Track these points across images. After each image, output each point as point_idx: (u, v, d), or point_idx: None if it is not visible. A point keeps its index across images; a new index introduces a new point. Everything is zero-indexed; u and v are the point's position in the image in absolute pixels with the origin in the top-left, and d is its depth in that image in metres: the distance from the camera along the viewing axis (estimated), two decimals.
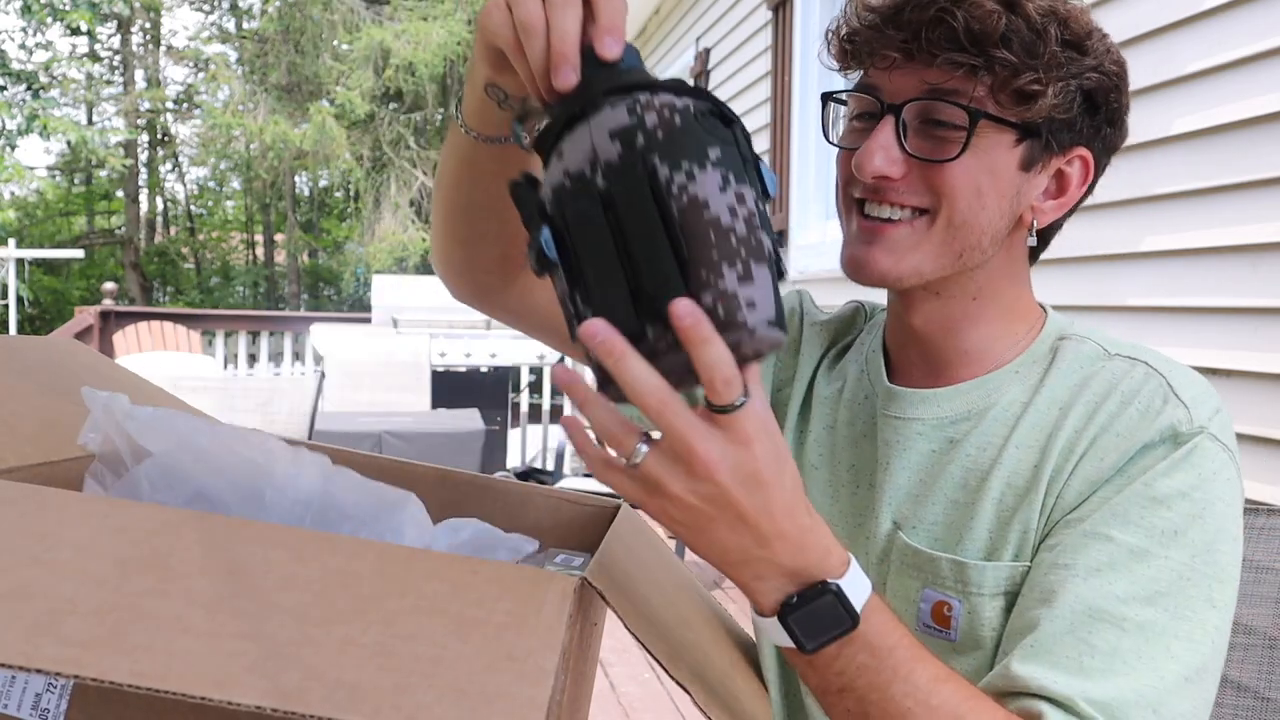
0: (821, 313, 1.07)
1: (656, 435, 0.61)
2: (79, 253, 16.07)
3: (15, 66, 13.84)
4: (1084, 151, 0.87)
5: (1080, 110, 0.83)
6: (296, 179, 19.23)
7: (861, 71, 0.88)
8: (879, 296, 0.98)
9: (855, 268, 0.86)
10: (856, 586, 0.66)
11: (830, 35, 0.89)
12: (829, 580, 0.65)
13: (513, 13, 0.63)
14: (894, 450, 0.91)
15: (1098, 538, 0.77)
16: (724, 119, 0.61)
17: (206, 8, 18.55)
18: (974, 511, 0.85)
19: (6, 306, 10.04)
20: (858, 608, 0.65)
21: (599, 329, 0.58)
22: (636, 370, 0.58)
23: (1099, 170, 0.89)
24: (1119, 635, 0.73)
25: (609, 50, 0.62)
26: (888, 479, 0.91)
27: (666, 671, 0.73)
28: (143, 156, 18.89)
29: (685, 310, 0.56)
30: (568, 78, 0.61)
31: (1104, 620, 0.74)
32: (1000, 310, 0.89)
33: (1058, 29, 0.80)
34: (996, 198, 0.83)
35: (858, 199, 0.85)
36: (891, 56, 0.82)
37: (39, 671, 0.49)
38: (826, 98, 0.91)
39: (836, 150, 0.90)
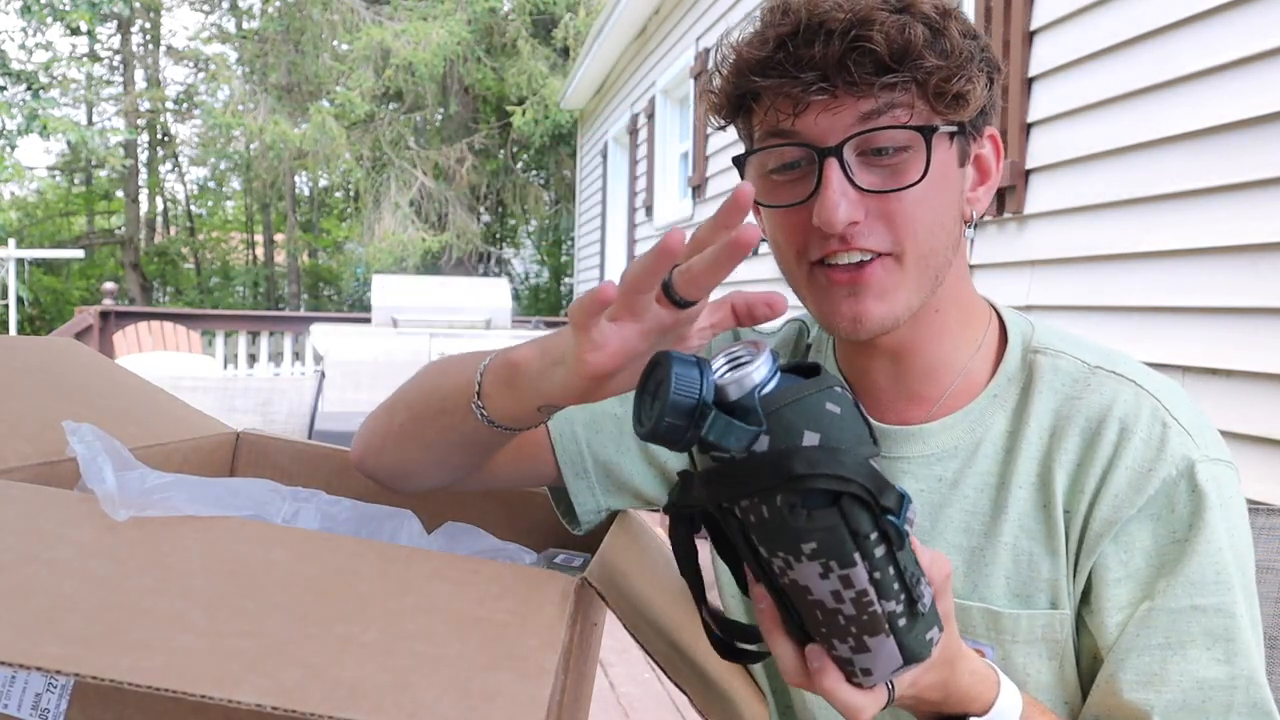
0: (763, 337, 1.03)
1: None
2: (79, 253, 16.07)
3: (15, 66, 13.82)
4: (992, 130, 0.86)
5: (986, 92, 0.81)
6: (296, 179, 19.22)
7: (735, 118, 0.84)
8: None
9: (853, 324, 0.81)
10: (1003, 716, 0.73)
11: (715, 94, 0.83)
12: (971, 718, 0.73)
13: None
14: None
15: (1182, 612, 0.79)
16: (837, 490, 0.56)
17: (206, 8, 18.54)
18: (987, 559, 0.85)
19: (6, 306, 10.03)
20: None
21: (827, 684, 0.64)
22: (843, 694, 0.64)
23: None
24: (1229, 694, 0.79)
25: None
26: None
27: (664, 672, 0.73)
28: (143, 156, 18.89)
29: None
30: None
31: (1214, 688, 0.79)
32: (957, 316, 0.88)
33: (955, 24, 0.78)
34: (948, 206, 0.81)
35: (818, 259, 0.80)
36: (808, 100, 0.76)
37: (39, 669, 0.49)
38: (741, 161, 0.83)
39: (769, 213, 0.83)
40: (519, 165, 17.37)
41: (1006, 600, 0.84)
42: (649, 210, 7.92)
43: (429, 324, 6.69)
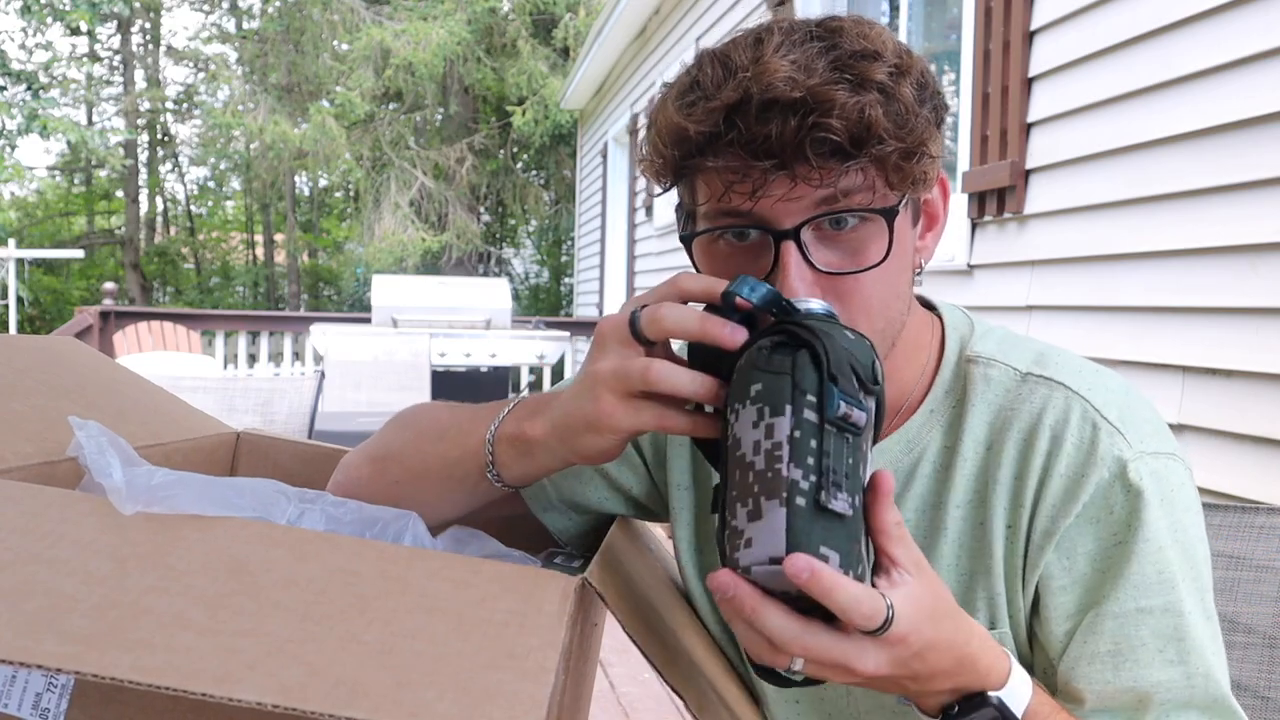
0: None
1: None
2: (79, 253, 16.07)
3: (15, 66, 13.82)
4: (941, 174, 0.82)
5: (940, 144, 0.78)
6: (296, 179, 19.22)
7: (677, 185, 0.81)
8: None
9: None
10: (1017, 695, 0.71)
11: (654, 162, 0.79)
12: (990, 693, 0.70)
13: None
14: None
15: (1128, 616, 0.78)
16: (796, 344, 0.63)
17: (206, 8, 18.54)
18: None
19: (6, 306, 10.03)
20: (1018, 715, 0.71)
21: (724, 583, 0.60)
22: (773, 622, 0.59)
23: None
24: (1187, 693, 0.79)
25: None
26: None
27: (660, 674, 0.73)
28: (143, 156, 18.89)
29: (797, 568, 0.57)
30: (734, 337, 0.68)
31: (1169, 688, 0.78)
32: (909, 348, 0.86)
33: (909, 84, 0.73)
34: (903, 273, 0.79)
35: None
36: (765, 186, 0.72)
37: (40, 667, 0.49)
38: (689, 241, 0.79)
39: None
40: (519, 165, 17.37)
41: None
42: (649, 210, 7.92)
43: (429, 324, 6.69)
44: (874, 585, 0.62)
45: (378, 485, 0.88)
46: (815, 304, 0.69)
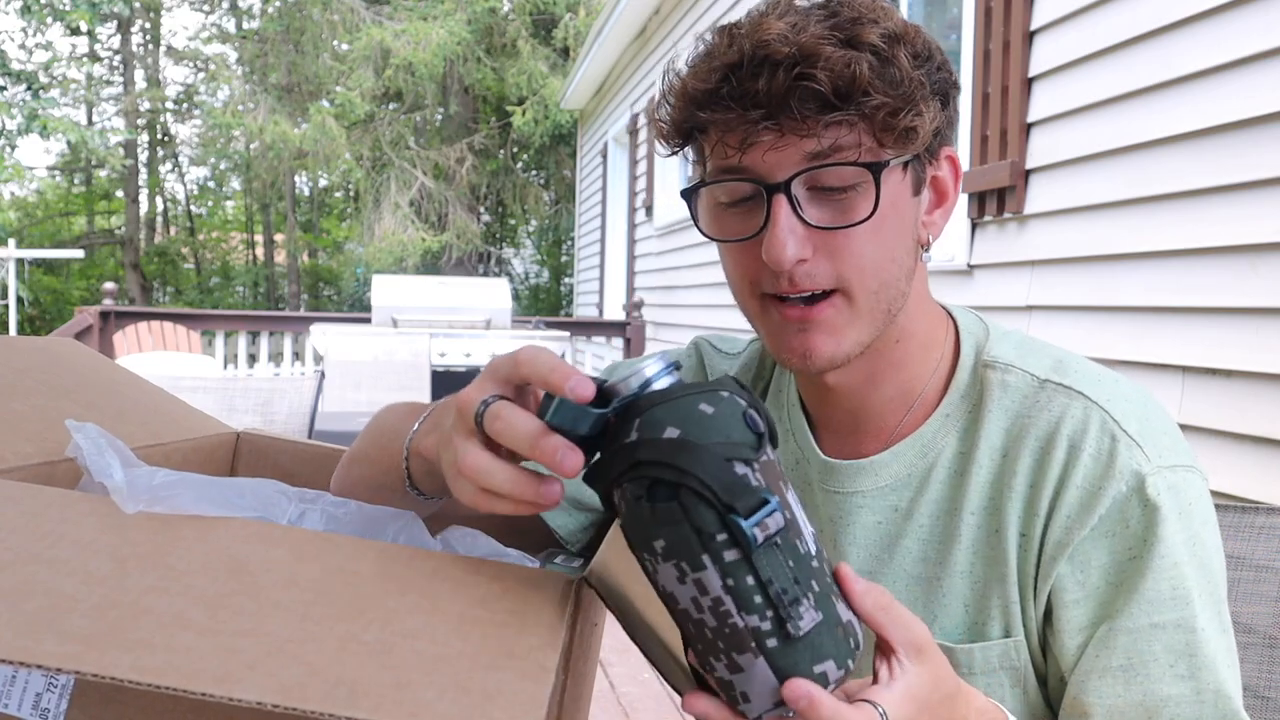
0: (726, 358, 1.01)
1: None
2: (79, 253, 16.07)
3: (15, 66, 13.83)
4: (949, 150, 0.84)
5: (940, 114, 0.79)
6: (296, 179, 19.23)
7: (685, 146, 0.82)
8: None
9: (802, 358, 0.80)
10: None
11: (662, 124, 0.81)
12: None
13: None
14: (839, 526, 0.88)
15: (1141, 632, 0.78)
16: (669, 483, 0.55)
17: (206, 8, 18.55)
18: (944, 589, 0.84)
19: (6, 306, 10.04)
20: None
21: (699, 707, 0.59)
22: None
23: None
24: (1197, 709, 0.78)
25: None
26: (837, 556, 0.88)
27: (660, 675, 0.73)
28: (143, 156, 18.90)
29: (796, 694, 0.56)
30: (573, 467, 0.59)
31: (1180, 704, 0.78)
32: (918, 344, 0.86)
33: (905, 50, 0.75)
34: (900, 237, 0.80)
35: (769, 293, 0.80)
36: (755, 137, 0.75)
37: (40, 667, 0.49)
38: (690, 194, 0.82)
39: (720, 245, 0.83)
40: (519, 165, 17.38)
41: (962, 633, 0.83)
42: (649, 210, 7.92)
43: (429, 324, 6.69)
44: (874, 669, 0.63)
45: (347, 485, 0.86)
46: (650, 370, 0.59)
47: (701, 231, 0.83)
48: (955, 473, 0.84)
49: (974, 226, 3.34)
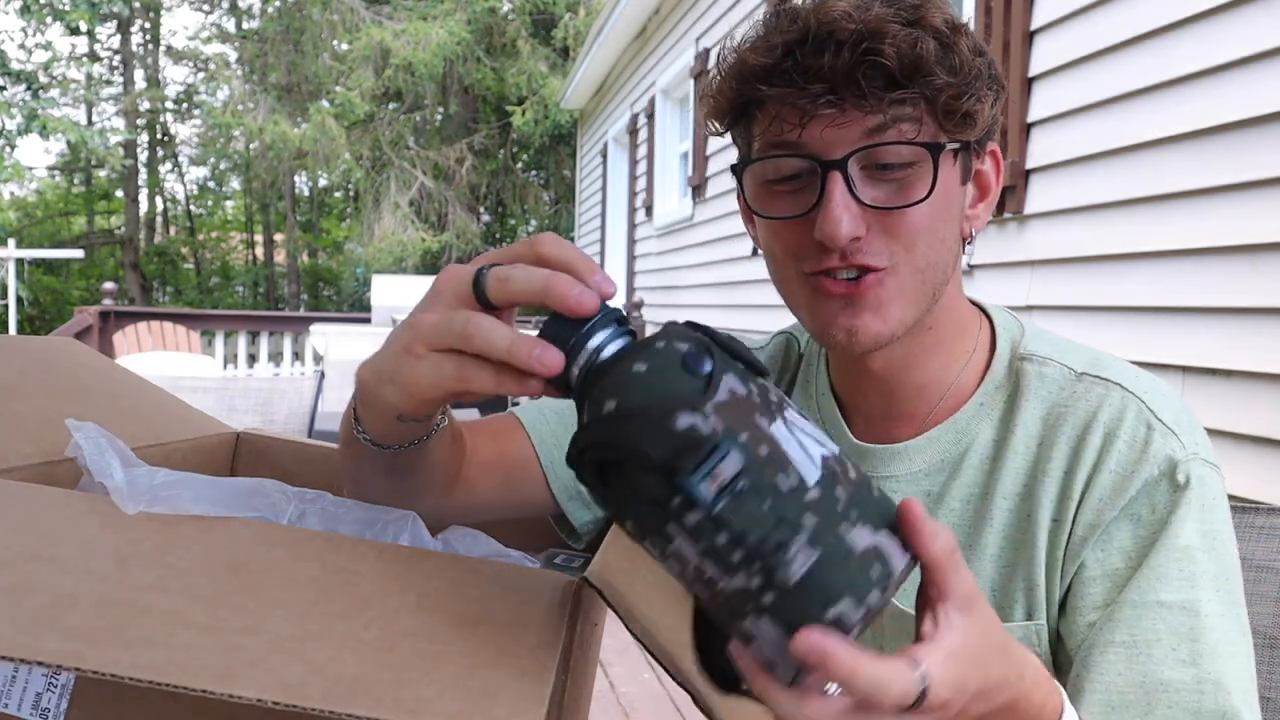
0: (749, 350, 1.00)
1: None
2: (79, 253, 16.07)
3: (15, 66, 13.83)
4: (993, 146, 0.85)
5: (992, 110, 0.81)
6: (296, 179, 19.23)
7: (736, 124, 0.82)
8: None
9: (848, 337, 0.79)
10: None
11: (716, 98, 0.81)
12: None
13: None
14: None
15: (1147, 607, 0.77)
16: (613, 453, 0.51)
17: (206, 8, 18.55)
18: (974, 571, 0.82)
19: (6, 306, 10.04)
20: None
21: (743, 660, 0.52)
22: (786, 707, 0.51)
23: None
24: (1196, 698, 0.76)
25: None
26: None
27: (666, 671, 0.73)
28: (143, 156, 18.90)
29: (808, 647, 0.48)
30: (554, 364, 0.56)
31: (1177, 690, 0.77)
32: (951, 332, 0.87)
33: (965, 40, 0.76)
34: (949, 222, 0.80)
35: (814, 270, 0.79)
36: (815, 111, 0.74)
37: (40, 664, 0.49)
38: (740, 169, 0.81)
39: (766, 222, 0.82)
40: (519, 165, 17.38)
41: None
42: (649, 210, 7.92)
43: None
44: (918, 627, 0.55)
45: (345, 481, 0.81)
46: (600, 338, 0.56)
47: (748, 208, 0.84)
48: (989, 459, 0.85)
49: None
